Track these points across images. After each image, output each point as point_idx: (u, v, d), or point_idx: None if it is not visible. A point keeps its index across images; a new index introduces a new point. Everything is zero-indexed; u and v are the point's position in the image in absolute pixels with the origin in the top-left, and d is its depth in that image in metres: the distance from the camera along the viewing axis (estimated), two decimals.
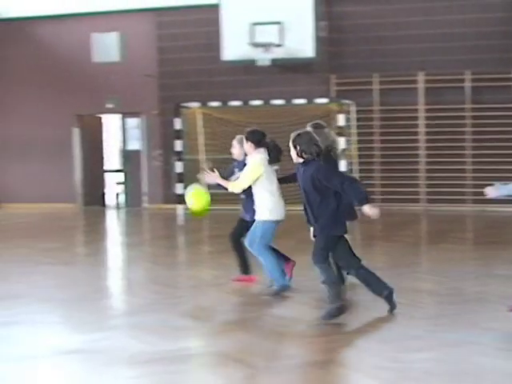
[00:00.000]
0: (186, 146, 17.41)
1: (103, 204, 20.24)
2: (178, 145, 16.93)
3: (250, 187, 8.10)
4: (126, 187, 20.05)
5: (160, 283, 8.89)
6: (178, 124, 16.93)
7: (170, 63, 19.09)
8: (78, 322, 7.01)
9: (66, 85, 19.82)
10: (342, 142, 16.99)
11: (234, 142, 8.89)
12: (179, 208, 16.67)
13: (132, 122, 19.71)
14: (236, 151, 8.85)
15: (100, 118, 21.05)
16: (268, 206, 7.96)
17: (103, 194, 20.64)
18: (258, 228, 7.99)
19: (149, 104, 19.21)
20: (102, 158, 21.31)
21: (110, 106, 19.60)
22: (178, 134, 17.04)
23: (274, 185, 8.06)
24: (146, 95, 19.23)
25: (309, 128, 7.95)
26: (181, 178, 17.01)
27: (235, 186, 8.13)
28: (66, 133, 19.65)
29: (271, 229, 8.03)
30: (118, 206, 20.09)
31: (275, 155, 8.11)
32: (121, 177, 20.42)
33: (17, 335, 6.57)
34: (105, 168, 21.45)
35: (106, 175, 21.30)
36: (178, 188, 16.94)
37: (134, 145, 19.67)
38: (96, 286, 9.18)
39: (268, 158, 8.09)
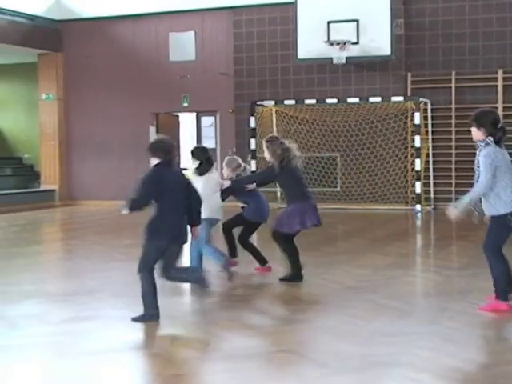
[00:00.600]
0: (260, 145, 17.47)
1: None
2: (253, 143, 17.02)
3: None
4: None
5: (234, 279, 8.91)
6: (252, 122, 17.01)
7: (245, 61, 19.18)
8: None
9: (143, 83, 20.09)
10: (417, 140, 16.83)
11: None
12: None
13: (207, 120, 19.85)
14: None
15: (176, 117, 21.27)
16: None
17: None
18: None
19: (224, 102, 19.33)
20: (177, 156, 21.48)
21: (185, 104, 19.78)
22: (253, 133, 17.13)
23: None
24: (221, 93, 19.36)
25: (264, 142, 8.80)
26: None
27: None
28: (143, 131, 19.92)
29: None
30: None
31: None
32: None
33: (92, 330, 6.67)
34: (180, 166, 21.65)
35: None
36: (251, 187, 17.02)
37: (209, 143, 19.80)
38: (169, 282, 9.24)
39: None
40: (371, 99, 17.33)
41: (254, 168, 17.12)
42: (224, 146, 19.52)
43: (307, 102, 17.59)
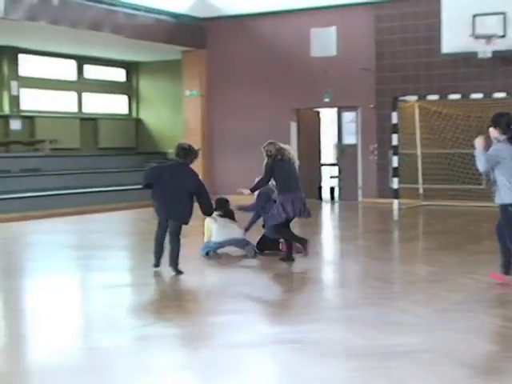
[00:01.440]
0: (402, 140, 17.23)
1: (319, 197, 20.44)
2: (395, 139, 16.82)
3: None
4: (341, 181, 20.14)
5: (376, 277, 8.85)
6: (394, 118, 16.81)
7: (387, 56, 18.95)
8: (295, 312, 7.12)
9: (284, 79, 20.20)
10: None
11: None
12: (395, 203, 16.57)
13: (348, 115, 19.76)
14: None
15: (317, 112, 21.27)
16: None
17: (320, 188, 20.85)
18: None
19: (365, 98, 19.17)
20: (318, 151, 21.52)
21: (326, 99, 19.75)
22: (395, 128, 16.92)
23: None
24: (363, 89, 19.20)
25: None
26: (396, 173, 16.88)
27: None
28: (284, 127, 20.03)
29: None
30: (333, 200, 20.24)
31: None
32: (336, 171, 20.54)
33: (239, 323, 6.78)
34: (321, 162, 21.67)
35: (323, 169, 21.48)
36: (394, 182, 16.83)
37: (350, 139, 19.70)
38: (312, 277, 9.29)
39: None
40: None
41: (395, 164, 16.90)
42: (365, 141, 19.36)
43: (451, 97, 17.18)
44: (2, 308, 8.00)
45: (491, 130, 8.20)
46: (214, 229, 10.55)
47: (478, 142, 8.17)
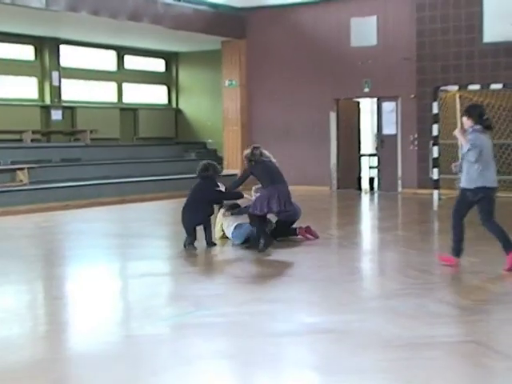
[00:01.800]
0: (443, 131, 17.07)
1: (358, 188, 20.35)
2: (435, 129, 16.67)
3: None
4: (380, 171, 20.03)
5: (415, 268, 8.79)
6: (435, 108, 16.65)
7: (428, 46, 18.77)
8: (333, 302, 7.11)
9: (324, 69, 20.13)
10: None
11: None
12: (435, 193, 16.44)
13: (388, 105, 19.62)
14: None
15: (356, 102, 21.17)
16: None
17: (359, 178, 20.76)
18: None
19: (406, 88, 19.02)
20: (357, 142, 21.43)
21: (366, 89, 19.65)
22: (435, 118, 16.76)
23: None
24: (403, 79, 19.06)
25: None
26: (437, 163, 16.74)
27: None
28: (324, 117, 19.97)
29: None
30: (372, 190, 20.14)
31: None
32: (375, 161, 20.43)
33: (277, 312, 6.79)
34: (361, 152, 21.57)
35: (362, 159, 21.39)
36: (434, 173, 16.70)
37: (390, 129, 19.56)
38: (350, 267, 9.27)
39: None
40: None
41: (436, 155, 16.74)
42: (405, 131, 19.22)
43: (493, 86, 16.96)
44: (43, 296, 8.10)
45: (464, 119, 8.79)
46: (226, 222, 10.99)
47: (458, 133, 8.86)
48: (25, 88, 20.62)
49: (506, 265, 8.36)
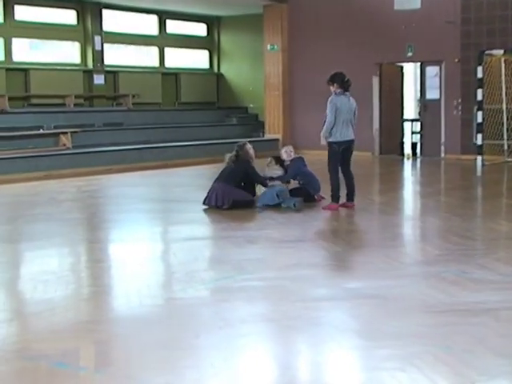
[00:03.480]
0: (487, 95, 16.83)
1: (401, 153, 20.19)
2: (479, 94, 16.45)
3: None
4: (423, 137, 19.84)
5: (457, 234, 8.73)
6: (479, 72, 16.42)
7: (473, 9, 18.45)
8: (374, 267, 7.09)
9: (367, 33, 19.92)
10: None
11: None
12: (478, 159, 16.28)
13: (431, 70, 19.36)
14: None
15: (399, 67, 20.93)
16: None
17: (401, 143, 20.59)
18: None
19: (450, 52, 18.76)
20: (400, 107, 21.22)
21: (409, 54, 19.41)
22: (480, 83, 16.54)
23: None
24: (447, 43, 18.78)
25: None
26: (481, 128, 16.55)
27: None
28: (366, 81, 19.80)
29: None
30: (414, 156, 19.97)
31: None
32: (418, 126, 20.23)
33: (318, 277, 6.80)
34: (403, 117, 21.37)
35: (404, 124, 21.19)
36: (478, 138, 16.52)
37: (433, 94, 19.32)
38: (392, 233, 9.23)
39: None
40: None
41: (480, 120, 16.53)
42: (449, 96, 18.98)
43: None
44: (86, 258, 8.20)
45: (331, 87, 10.85)
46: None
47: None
48: (67, 53, 20.74)
49: None
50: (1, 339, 5.09)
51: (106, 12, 20.86)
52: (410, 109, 24.41)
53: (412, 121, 21.24)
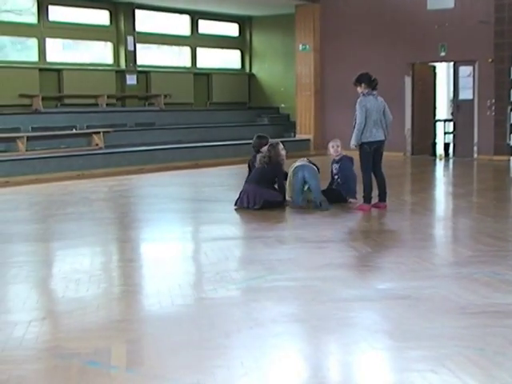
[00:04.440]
0: None
1: (433, 154, 20.06)
2: None
3: None
4: (455, 137, 19.69)
5: (489, 235, 8.66)
6: None
7: (507, 8, 18.28)
8: (406, 268, 7.05)
9: (400, 33, 19.82)
10: None
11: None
12: None
13: (465, 70, 19.22)
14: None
15: (432, 67, 20.81)
16: None
17: (433, 144, 20.46)
18: None
19: (483, 52, 18.60)
20: (433, 107, 21.09)
21: (442, 53, 19.29)
22: None
23: None
24: (481, 42, 18.63)
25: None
26: None
27: None
28: (399, 81, 19.70)
29: None
30: (447, 156, 19.83)
31: None
32: (451, 126, 20.09)
33: (349, 277, 6.79)
34: (436, 118, 21.23)
35: (437, 125, 21.05)
36: None
37: (466, 94, 19.17)
38: (424, 233, 9.18)
39: None
40: None
41: None
42: (482, 97, 18.81)
43: None
44: (118, 258, 8.24)
45: (358, 88, 10.91)
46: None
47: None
48: (100, 53, 20.88)
49: None
50: (33, 338, 5.13)
51: (138, 12, 20.95)
52: (443, 109, 24.26)
53: (445, 121, 21.09)
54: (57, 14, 19.45)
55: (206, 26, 23.34)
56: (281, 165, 11.10)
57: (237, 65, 24.46)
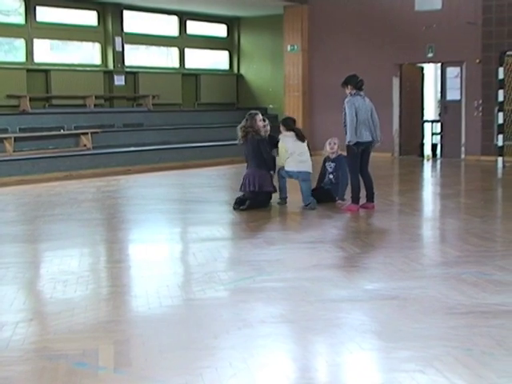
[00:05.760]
0: (508, 97, 16.74)
1: (421, 154, 20.11)
2: (501, 95, 16.37)
3: None
4: (443, 138, 19.74)
5: (477, 235, 8.69)
6: (501, 73, 16.34)
7: (494, 10, 18.34)
8: (394, 269, 7.06)
9: (387, 34, 19.86)
10: None
11: None
12: (499, 160, 16.19)
13: (452, 71, 19.28)
14: None
15: (419, 68, 20.86)
16: None
17: (421, 145, 20.51)
18: None
19: (471, 53, 18.66)
20: (420, 108, 21.14)
21: (430, 55, 19.34)
22: (501, 84, 16.46)
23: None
24: (468, 43, 18.69)
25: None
26: (502, 129, 16.47)
27: None
28: (387, 82, 19.74)
29: None
30: (434, 157, 19.88)
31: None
32: (438, 127, 20.14)
33: (337, 278, 6.79)
34: (423, 118, 21.28)
35: (425, 125, 21.11)
36: (499, 139, 16.44)
37: (454, 95, 19.23)
38: (412, 234, 9.19)
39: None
40: None
41: (501, 121, 16.44)
42: (470, 97, 18.88)
43: None
44: (106, 259, 8.22)
45: (346, 89, 10.95)
46: (285, 152, 11.20)
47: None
48: (88, 53, 20.82)
49: None
50: (21, 339, 5.11)
51: (126, 13, 20.90)
52: (431, 110, 24.30)
53: (432, 122, 21.16)
54: (44, 14, 19.39)
55: (195, 27, 23.30)
56: (260, 137, 11.03)
57: (225, 65, 24.44)
